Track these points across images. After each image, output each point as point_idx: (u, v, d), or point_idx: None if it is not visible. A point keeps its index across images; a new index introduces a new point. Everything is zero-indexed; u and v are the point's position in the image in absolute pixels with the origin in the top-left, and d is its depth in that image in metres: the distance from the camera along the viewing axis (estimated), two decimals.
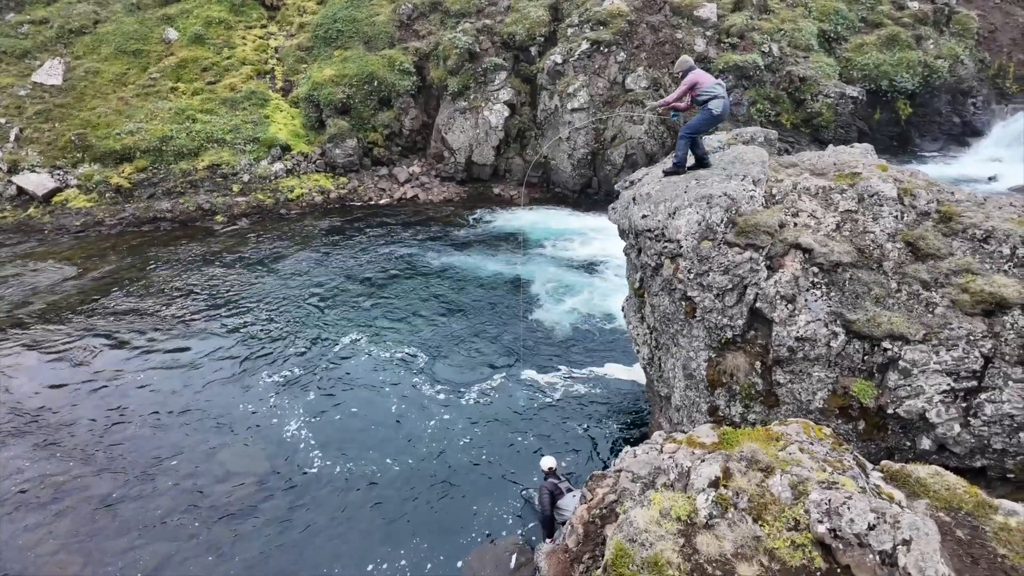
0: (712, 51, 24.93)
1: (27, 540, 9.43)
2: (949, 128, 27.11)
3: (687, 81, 9.57)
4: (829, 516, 3.88)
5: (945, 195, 8.46)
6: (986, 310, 7.06)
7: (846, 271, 7.82)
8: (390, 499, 10.15)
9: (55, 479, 10.62)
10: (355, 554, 9.12)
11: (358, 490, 10.35)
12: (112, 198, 23.69)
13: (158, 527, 9.67)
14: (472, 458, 11.06)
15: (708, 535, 4.05)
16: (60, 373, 13.67)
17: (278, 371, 13.70)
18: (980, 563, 4.24)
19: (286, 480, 10.60)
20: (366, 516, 9.83)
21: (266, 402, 12.64)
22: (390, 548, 9.21)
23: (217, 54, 29.14)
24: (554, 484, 8.74)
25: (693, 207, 8.70)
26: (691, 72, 9.65)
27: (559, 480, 8.96)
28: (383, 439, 11.56)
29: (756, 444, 4.56)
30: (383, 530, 9.55)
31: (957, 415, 6.99)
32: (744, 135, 11.80)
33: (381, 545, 9.28)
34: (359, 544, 9.31)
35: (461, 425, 11.89)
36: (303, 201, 25.10)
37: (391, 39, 28.88)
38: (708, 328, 8.44)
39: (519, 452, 11.15)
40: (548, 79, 25.65)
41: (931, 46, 26.66)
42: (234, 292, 17.73)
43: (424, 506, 10.00)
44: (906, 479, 4.95)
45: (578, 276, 18.59)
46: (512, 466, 10.81)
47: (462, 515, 9.80)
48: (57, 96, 26.55)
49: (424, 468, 10.81)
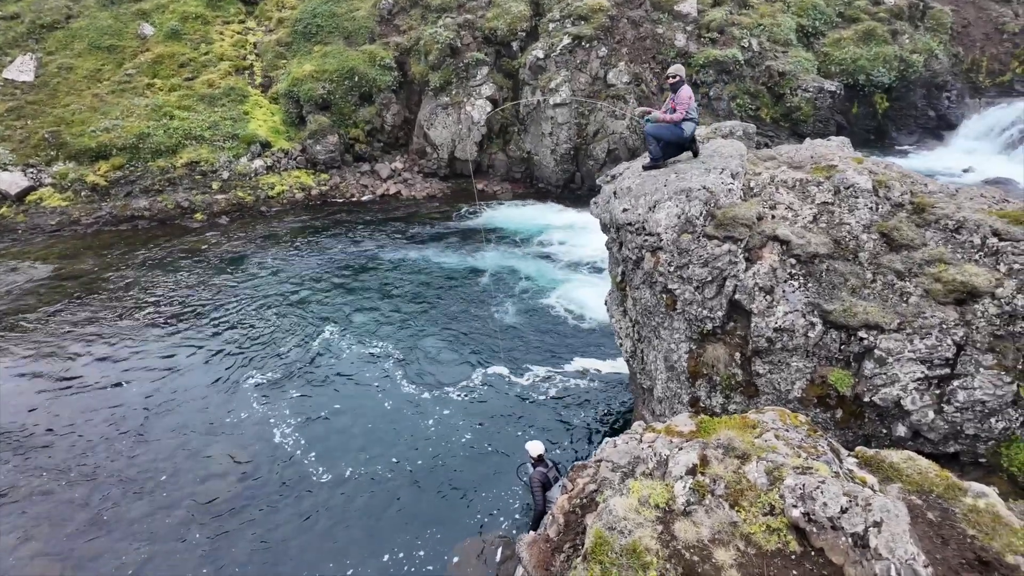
0: (692, 46, 25.08)
1: (4, 544, 9.27)
2: (924, 122, 27.58)
3: (683, 100, 9.39)
4: (803, 500, 3.95)
5: (919, 187, 8.61)
6: (958, 299, 7.20)
7: (823, 262, 7.94)
8: (376, 495, 10.13)
9: (32, 483, 10.45)
10: (342, 551, 9.10)
11: (344, 487, 10.32)
12: (88, 197, 23.28)
13: (139, 529, 9.56)
14: (457, 453, 11.07)
15: (686, 521, 4.11)
16: (36, 376, 13.43)
17: (261, 370, 13.59)
18: (950, 544, 4.35)
19: (271, 479, 10.53)
20: (353, 513, 9.80)
21: (248, 401, 12.54)
22: (377, 544, 9.20)
23: (194, 50, 28.72)
24: (543, 474, 8.41)
25: (673, 200, 8.77)
26: (683, 87, 9.48)
27: (547, 467, 8.59)
28: (368, 436, 11.53)
29: (733, 432, 4.63)
30: (370, 526, 9.53)
31: (931, 402, 7.14)
32: (723, 129, 11.90)
33: (368, 541, 9.26)
34: (346, 541, 9.28)
35: (445, 421, 11.89)
36: (284, 198, 24.87)
37: (371, 34, 28.66)
38: (688, 320, 8.52)
39: (504, 446, 11.18)
40: (530, 74, 25.64)
41: (907, 41, 27.08)
42: (214, 291, 17.53)
43: (410, 502, 10.00)
44: (880, 464, 5.05)
45: (561, 271, 18.64)
46: (497, 460, 10.84)
47: (449, 510, 9.81)
48: (29, 93, 25.99)
49: (410, 464, 10.80)
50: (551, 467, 8.65)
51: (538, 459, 8.66)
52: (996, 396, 6.84)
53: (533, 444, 8.84)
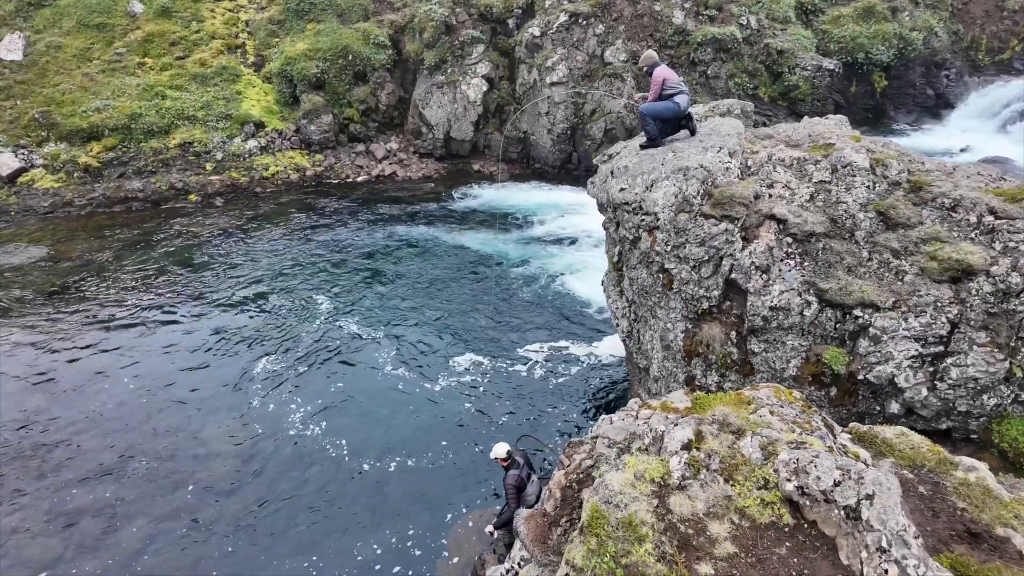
0: (691, 23, 24.79)
1: (4, 525, 9.35)
2: (923, 100, 27.42)
3: (656, 78, 9.63)
4: (797, 474, 4.00)
5: (916, 165, 8.59)
6: (953, 277, 7.24)
7: (819, 241, 7.95)
8: (374, 476, 10.22)
9: (30, 465, 10.51)
10: (340, 531, 9.20)
11: (341, 467, 10.40)
12: (80, 178, 23.06)
13: (138, 510, 9.64)
14: (454, 431, 11.15)
15: (681, 495, 4.16)
16: (35, 356, 13.42)
17: (257, 351, 13.60)
18: (940, 516, 4.42)
19: (269, 459, 10.60)
20: (351, 492, 9.90)
21: (245, 382, 12.57)
22: (376, 524, 9.31)
23: (185, 28, 28.25)
24: (517, 476, 7.74)
25: (670, 179, 8.73)
26: (657, 68, 9.72)
27: (519, 467, 7.87)
28: (364, 417, 11.59)
29: (728, 408, 4.67)
30: (368, 506, 9.63)
31: (924, 379, 7.20)
32: (721, 107, 11.82)
33: (367, 521, 9.37)
34: (344, 520, 9.38)
35: (441, 400, 11.96)
36: (278, 179, 24.69)
37: (365, 12, 28.23)
38: (685, 299, 8.54)
39: (500, 426, 11.27)
40: (526, 52, 25.35)
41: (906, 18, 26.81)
42: (210, 273, 17.48)
43: (409, 479, 10.10)
44: (873, 439, 5.11)
45: (558, 251, 18.63)
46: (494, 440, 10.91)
47: (445, 490, 9.91)
48: (18, 72, 25.58)
49: (407, 443, 10.88)
50: (522, 465, 7.92)
51: (508, 460, 7.92)
52: (989, 373, 6.91)
53: (498, 447, 8.02)
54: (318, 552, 8.84)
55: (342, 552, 8.83)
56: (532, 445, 9.77)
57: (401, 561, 8.70)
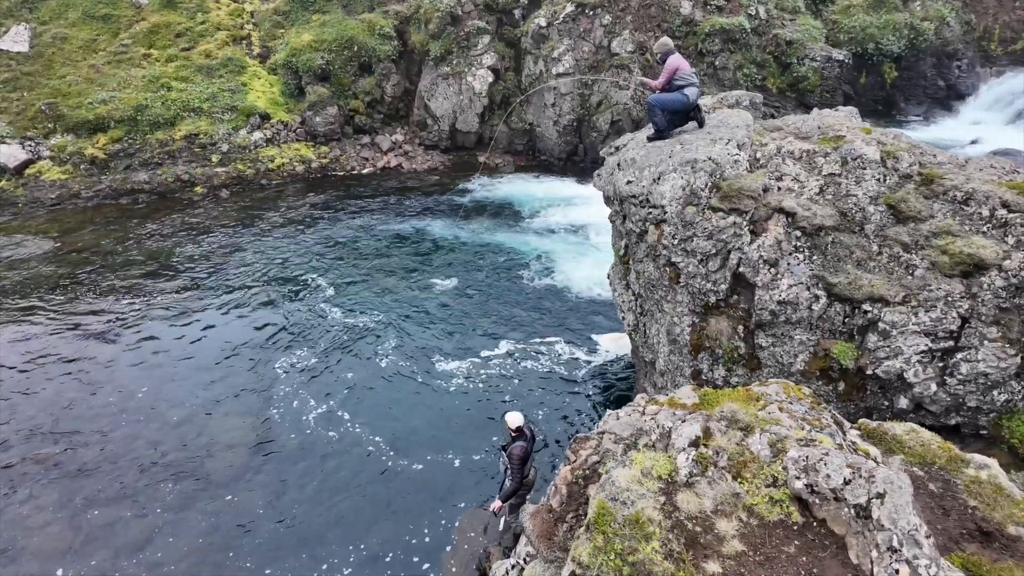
0: (698, 13, 24.53)
1: (16, 514, 9.43)
2: (934, 92, 27.10)
3: (669, 67, 9.54)
4: (806, 472, 3.96)
5: (927, 158, 8.48)
6: (964, 271, 7.15)
7: (828, 234, 7.86)
8: (382, 467, 10.24)
9: (42, 454, 10.58)
10: (347, 522, 9.23)
11: (349, 459, 10.43)
12: (87, 170, 23.11)
13: (149, 499, 9.70)
14: (460, 424, 11.15)
15: (688, 493, 4.13)
16: (42, 348, 13.50)
17: (265, 343, 13.64)
18: (951, 515, 4.38)
19: (277, 450, 10.64)
20: (358, 484, 9.92)
21: (252, 373, 12.61)
22: (383, 516, 9.32)
23: (190, 19, 28.19)
24: (524, 448, 7.69)
25: (678, 172, 8.65)
26: (671, 56, 9.62)
27: (527, 440, 7.84)
28: (372, 409, 11.61)
29: (736, 404, 4.63)
30: (375, 497, 9.65)
31: (934, 375, 7.14)
32: (729, 99, 11.70)
33: (374, 512, 9.39)
34: (351, 512, 9.41)
35: (447, 392, 11.96)
36: (284, 171, 24.67)
37: (371, 2, 28.07)
38: (692, 293, 8.48)
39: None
40: (532, 43, 25.16)
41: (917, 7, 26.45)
42: (217, 265, 17.51)
43: (415, 472, 10.11)
44: (882, 436, 5.06)
45: (564, 244, 18.56)
46: (500, 432, 10.92)
47: (452, 483, 9.92)
48: (24, 64, 25.61)
49: (414, 435, 10.89)
50: (529, 438, 7.89)
51: (518, 431, 7.82)
52: (999, 368, 6.84)
53: (512, 416, 7.91)
54: (323, 544, 8.87)
55: (347, 543, 8.85)
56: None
57: (406, 553, 8.73)
